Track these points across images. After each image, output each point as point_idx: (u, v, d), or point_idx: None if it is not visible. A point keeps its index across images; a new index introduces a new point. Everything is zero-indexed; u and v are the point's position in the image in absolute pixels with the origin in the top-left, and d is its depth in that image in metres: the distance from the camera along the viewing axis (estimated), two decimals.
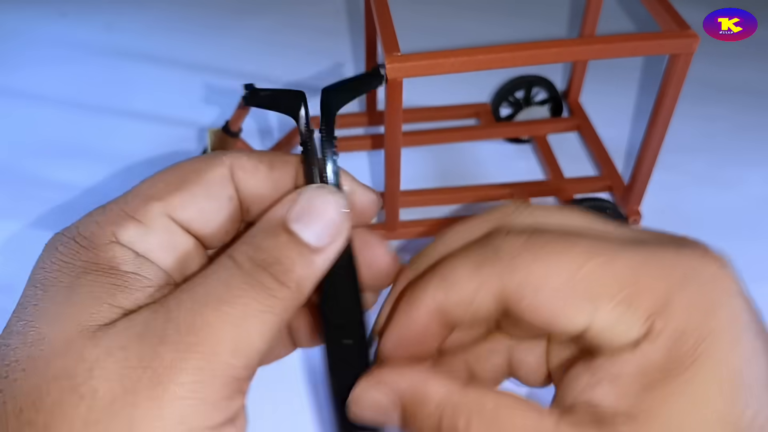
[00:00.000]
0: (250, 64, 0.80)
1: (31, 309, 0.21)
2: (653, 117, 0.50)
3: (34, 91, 0.77)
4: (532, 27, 0.85)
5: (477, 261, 0.21)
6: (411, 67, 0.43)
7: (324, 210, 0.23)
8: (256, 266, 0.21)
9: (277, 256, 0.22)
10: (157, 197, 0.23)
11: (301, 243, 0.22)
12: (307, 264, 0.22)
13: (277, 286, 0.21)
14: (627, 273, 0.20)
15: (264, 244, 0.22)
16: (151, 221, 0.23)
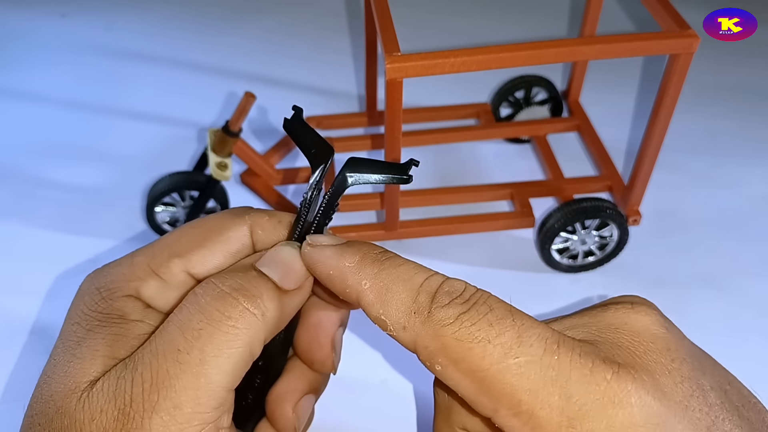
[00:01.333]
0: (250, 64, 0.80)
1: (52, 363, 0.24)
2: (653, 117, 0.50)
3: (34, 91, 0.77)
4: (532, 26, 0.85)
5: (412, 306, 0.22)
6: (411, 68, 0.43)
7: (289, 260, 0.24)
8: (216, 297, 0.22)
9: (244, 284, 0.23)
10: (179, 254, 0.25)
11: (269, 279, 0.24)
12: (273, 298, 0.23)
13: (239, 315, 0.22)
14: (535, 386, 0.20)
15: (231, 275, 0.23)
16: (171, 277, 0.25)
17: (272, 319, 0.23)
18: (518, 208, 0.58)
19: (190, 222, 0.27)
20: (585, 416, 0.19)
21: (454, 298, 0.22)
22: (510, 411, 0.20)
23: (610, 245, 0.56)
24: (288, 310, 0.24)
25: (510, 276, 0.57)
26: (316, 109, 0.70)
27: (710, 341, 0.53)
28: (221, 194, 0.58)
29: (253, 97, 0.52)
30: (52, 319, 0.53)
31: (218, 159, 0.54)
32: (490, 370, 0.20)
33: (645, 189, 0.55)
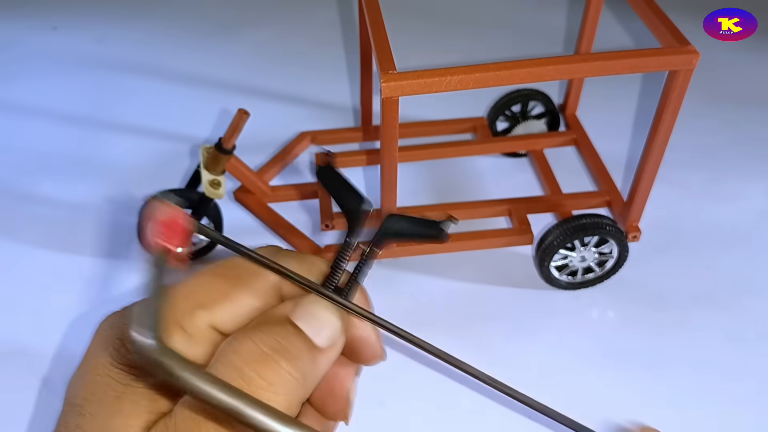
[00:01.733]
0: (243, 77, 0.79)
1: (88, 418, 0.22)
2: (652, 133, 0.49)
3: (24, 104, 0.76)
4: (528, 43, 0.85)
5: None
6: (407, 86, 0.42)
7: (324, 315, 0.23)
8: (255, 359, 0.21)
9: (284, 344, 0.22)
10: (204, 306, 0.23)
11: (305, 336, 0.22)
12: (312, 358, 0.22)
13: (279, 380, 0.21)
14: None
15: (268, 332, 0.22)
16: (196, 332, 0.23)
17: (309, 379, 0.22)
18: (516, 225, 0.57)
19: (212, 266, 0.25)
20: None
21: None
22: None
23: (610, 262, 0.55)
24: (324, 366, 0.23)
25: (509, 293, 0.56)
26: (310, 123, 0.70)
27: (712, 358, 0.53)
28: (215, 212, 0.57)
29: (247, 114, 0.52)
30: (40, 341, 0.52)
31: (211, 177, 0.53)
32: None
33: (644, 205, 0.54)
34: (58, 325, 0.53)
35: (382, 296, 0.56)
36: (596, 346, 0.52)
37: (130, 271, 0.58)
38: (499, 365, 0.32)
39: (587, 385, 0.50)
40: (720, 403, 0.49)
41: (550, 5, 0.92)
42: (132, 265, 0.58)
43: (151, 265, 0.20)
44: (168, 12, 0.91)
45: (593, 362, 0.51)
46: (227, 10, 0.92)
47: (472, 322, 0.54)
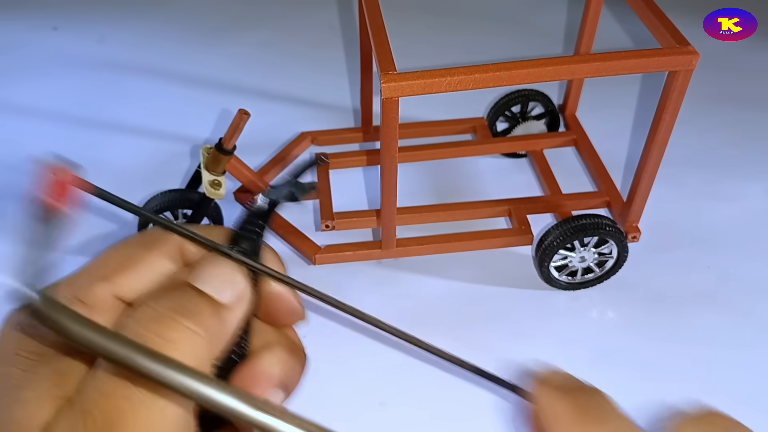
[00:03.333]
0: (244, 77, 0.79)
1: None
2: (651, 133, 0.49)
3: (24, 104, 0.76)
4: (528, 43, 0.85)
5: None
6: (407, 86, 0.42)
7: (224, 272, 0.23)
8: (153, 320, 0.21)
9: (182, 303, 0.21)
10: (103, 277, 0.23)
11: (206, 295, 0.22)
12: (215, 314, 0.22)
13: (180, 336, 0.21)
14: None
15: (166, 295, 0.22)
16: (97, 302, 0.22)
17: (217, 335, 0.22)
18: (516, 225, 0.57)
19: (115, 243, 0.25)
20: None
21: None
22: None
23: (609, 262, 0.55)
24: (231, 322, 0.23)
25: (508, 293, 0.56)
26: (310, 123, 0.70)
27: (712, 358, 0.53)
28: (215, 212, 0.57)
29: (247, 114, 0.52)
30: None
31: (212, 177, 0.54)
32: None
33: (644, 205, 0.54)
34: None
35: (382, 296, 0.56)
36: (596, 346, 0.53)
37: None
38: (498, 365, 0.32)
39: None
40: (720, 404, 0.49)
41: (549, 6, 0.92)
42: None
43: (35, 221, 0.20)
44: (168, 13, 0.91)
45: (592, 362, 0.51)
46: (228, 10, 0.92)
47: (472, 322, 0.54)
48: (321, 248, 0.56)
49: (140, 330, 0.20)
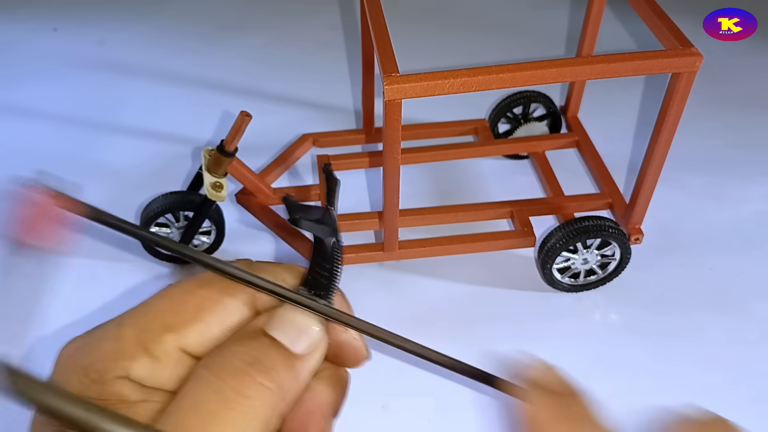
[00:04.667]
0: (245, 79, 0.79)
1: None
2: (654, 135, 0.49)
3: (24, 106, 0.76)
4: (530, 45, 0.85)
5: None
6: (410, 89, 0.42)
7: (300, 321, 0.23)
8: (230, 375, 0.21)
9: (257, 356, 0.21)
10: (172, 328, 0.22)
11: (281, 345, 0.22)
12: (289, 367, 0.22)
13: (255, 393, 0.21)
14: None
15: (242, 345, 0.22)
16: (163, 355, 0.22)
17: (290, 389, 0.22)
18: (519, 227, 0.57)
19: (181, 284, 0.24)
20: None
21: None
22: None
23: (612, 264, 0.55)
24: (305, 373, 0.23)
25: (511, 295, 0.56)
26: (312, 125, 0.70)
27: (715, 360, 0.53)
28: (217, 214, 0.57)
29: (249, 116, 0.52)
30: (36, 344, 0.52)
31: (213, 179, 0.53)
32: None
33: (647, 207, 0.54)
34: (53, 328, 0.53)
35: (384, 298, 0.56)
36: (599, 349, 0.52)
37: (130, 273, 0.58)
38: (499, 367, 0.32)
39: (590, 387, 0.50)
40: (723, 406, 0.49)
41: (552, 7, 0.92)
42: (132, 268, 0.58)
43: (10, 258, 0.18)
44: (169, 14, 0.91)
45: (595, 364, 0.51)
46: (229, 12, 0.92)
47: (474, 324, 0.54)
48: None
49: (217, 382, 0.20)
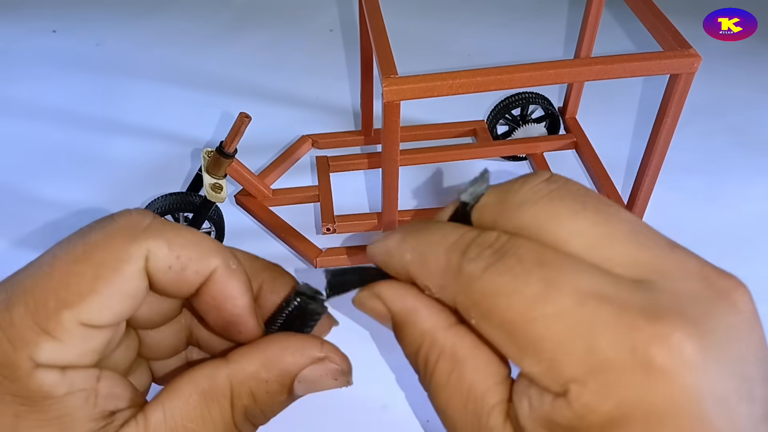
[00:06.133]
0: (244, 79, 0.79)
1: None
2: (653, 137, 0.49)
3: (24, 107, 0.76)
4: (528, 46, 0.85)
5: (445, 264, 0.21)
6: (409, 90, 0.42)
7: (328, 386, 0.24)
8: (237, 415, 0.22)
9: (265, 410, 0.23)
10: (69, 304, 0.21)
11: (291, 398, 0.24)
12: (281, 409, 0.24)
13: (244, 430, 0.23)
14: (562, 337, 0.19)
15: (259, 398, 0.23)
16: (65, 335, 0.21)
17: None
18: None
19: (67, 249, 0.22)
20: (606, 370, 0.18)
21: (483, 250, 0.21)
22: (533, 359, 0.20)
23: None
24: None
25: None
26: (311, 126, 0.70)
27: None
28: (216, 216, 0.57)
29: (248, 117, 0.52)
30: None
31: (213, 180, 0.53)
32: (515, 321, 0.20)
33: (645, 208, 0.54)
34: None
35: None
36: None
37: None
38: None
39: None
40: None
41: (550, 8, 0.92)
42: None
43: None
44: (168, 15, 0.91)
45: None
46: (228, 13, 0.92)
47: None
48: (322, 251, 0.56)
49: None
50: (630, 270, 0.20)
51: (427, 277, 0.22)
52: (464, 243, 0.21)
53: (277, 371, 0.23)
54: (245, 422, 0.23)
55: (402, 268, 0.23)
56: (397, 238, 0.23)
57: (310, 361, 0.23)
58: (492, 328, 0.20)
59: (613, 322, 0.19)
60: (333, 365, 0.24)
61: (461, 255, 0.21)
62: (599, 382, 0.19)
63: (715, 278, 0.21)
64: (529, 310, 0.19)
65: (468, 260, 0.21)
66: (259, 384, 0.23)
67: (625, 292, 0.19)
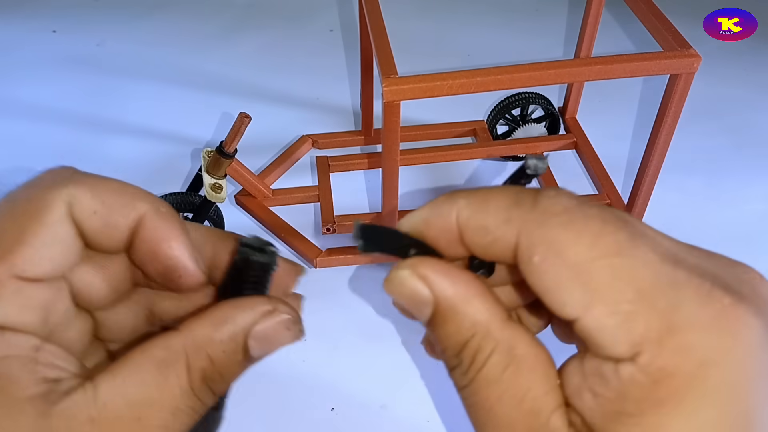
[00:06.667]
0: (244, 80, 0.79)
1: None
2: (653, 137, 0.49)
3: (23, 107, 0.76)
4: (528, 46, 0.85)
5: (514, 200, 0.20)
6: (409, 90, 0.42)
7: (282, 340, 0.23)
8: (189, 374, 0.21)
9: (223, 373, 0.22)
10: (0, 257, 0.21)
11: (249, 359, 0.22)
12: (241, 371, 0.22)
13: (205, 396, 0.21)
14: (644, 287, 0.18)
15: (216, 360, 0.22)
16: (3, 291, 0.21)
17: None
18: None
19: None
20: (688, 329, 0.18)
21: (560, 193, 0.20)
22: (607, 308, 0.18)
23: None
24: None
25: None
26: (311, 126, 0.70)
27: None
28: (216, 216, 0.57)
29: (248, 117, 0.52)
30: None
31: (213, 180, 0.53)
32: (597, 262, 0.18)
33: (645, 208, 0.54)
34: None
35: (384, 299, 0.56)
36: None
37: None
38: None
39: None
40: None
41: (550, 8, 0.92)
42: None
43: None
44: (168, 15, 0.91)
45: None
46: (228, 13, 0.92)
47: None
48: (322, 251, 0.56)
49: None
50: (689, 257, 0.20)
51: (487, 214, 0.20)
52: (532, 189, 0.20)
53: (228, 331, 0.22)
54: (204, 388, 0.22)
55: (450, 216, 0.21)
56: (446, 194, 0.21)
57: (259, 315, 0.22)
58: (562, 267, 0.19)
59: (696, 284, 0.18)
60: (283, 315, 0.22)
61: (536, 193, 0.20)
62: (682, 341, 0.18)
63: (748, 268, 0.20)
64: (616, 253, 0.18)
65: (546, 196, 0.20)
66: (214, 346, 0.21)
67: (699, 262, 0.19)
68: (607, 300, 0.18)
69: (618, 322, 0.18)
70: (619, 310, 0.18)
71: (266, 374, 0.50)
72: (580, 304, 0.18)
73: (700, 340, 0.18)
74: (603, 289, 0.18)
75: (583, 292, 0.18)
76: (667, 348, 0.18)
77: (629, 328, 0.18)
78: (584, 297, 0.18)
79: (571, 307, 0.19)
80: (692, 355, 0.18)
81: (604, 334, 0.18)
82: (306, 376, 0.50)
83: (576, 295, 0.19)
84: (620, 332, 0.18)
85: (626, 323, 0.18)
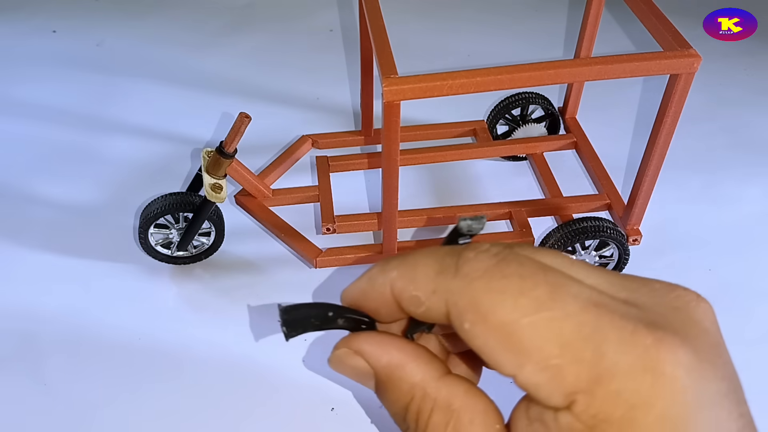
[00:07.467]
0: (244, 80, 0.79)
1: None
2: (653, 137, 0.49)
3: (23, 107, 0.76)
4: (528, 46, 0.85)
5: (439, 267, 0.21)
6: (409, 90, 0.42)
7: None
8: None
9: None
10: None
11: None
12: None
13: None
14: (568, 340, 0.19)
15: None
16: None
17: None
18: (517, 228, 0.57)
19: None
20: (615, 376, 0.18)
21: (481, 253, 0.21)
22: (536, 366, 0.19)
23: (611, 265, 0.55)
24: None
25: None
26: (311, 126, 0.70)
27: None
28: (216, 216, 0.57)
29: (248, 117, 0.52)
30: (39, 345, 0.52)
31: (213, 180, 0.53)
32: (520, 322, 0.19)
33: (645, 208, 0.54)
34: (57, 329, 0.53)
35: None
36: None
37: (129, 273, 0.58)
38: None
39: None
40: None
41: (550, 8, 0.92)
42: (131, 268, 0.58)
43: None
44: (167, 15, 0.91)
45: None
46: (227, 13, 0.92)
47: None
48: (322, 251, 0.56)
49: None
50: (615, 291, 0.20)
51: (417, 284, 0.21)
52: (457, 250, 0.21)
53: None
54: None
55: (384, 287, 0.22)
56: (379, 265, 0.23)
57: None
58: (490, 332, 0.20)
59: (618, 327, 0.19)
60: None
61: (458, 257, 0.21)
62: (609, 388, 0.18)
63: (682, 293, 0.21)
64: (535, 312, 0.19)
65: (466, 260, 0.20)
66: None
67: (621, 304, 0.20)
68: (536, 358, 0.19)
69: (549, 377, 0.19)
70: (548, 366, 0.19)
71: (267, 374, 0.51)
72: (513, 364, 0.19)
73: (626, 385, 0.18)
74: (530, 348, 0.19)
75: (513, 353, 0.19)
76: (598, 396, 0.18)
77: (560, 381, 0.19)
78: (515, 358, 0.19)
79: (506, 367, 0.20)
80: (621, 400, 0.18)
81: (539, 388, 0.19)
82: (306, 376, 0.50)
83: (507, 356, 0.19)
84: (552, 386, 0.19)
85: (556, 378, 0.19)
